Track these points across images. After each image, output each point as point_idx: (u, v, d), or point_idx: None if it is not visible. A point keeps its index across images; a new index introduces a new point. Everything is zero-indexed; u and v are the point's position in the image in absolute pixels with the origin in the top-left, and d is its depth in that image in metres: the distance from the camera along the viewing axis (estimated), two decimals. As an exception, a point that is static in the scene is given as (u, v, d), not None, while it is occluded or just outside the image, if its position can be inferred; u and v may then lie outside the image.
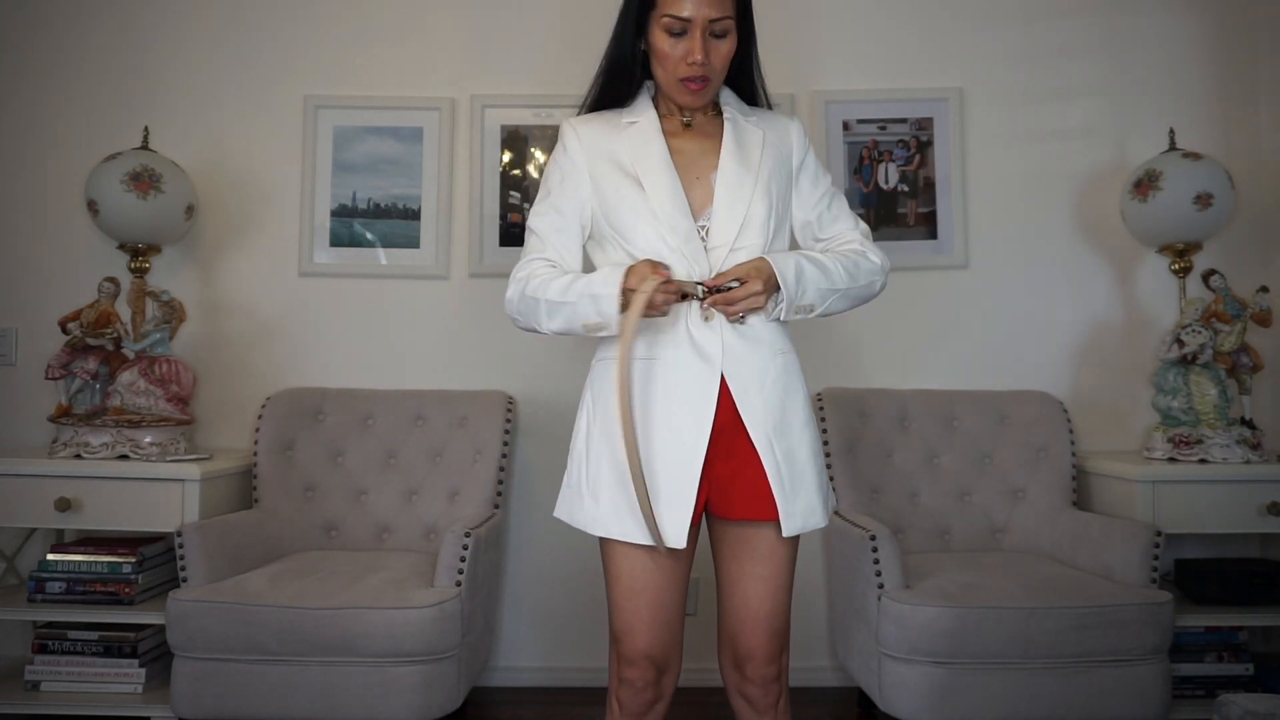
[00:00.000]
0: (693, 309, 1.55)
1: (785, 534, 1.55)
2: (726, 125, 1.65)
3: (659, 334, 1.57)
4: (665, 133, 1.63)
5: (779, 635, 1.60)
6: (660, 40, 1.56)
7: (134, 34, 2.97)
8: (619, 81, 1.66)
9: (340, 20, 2.99)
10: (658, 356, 1.57)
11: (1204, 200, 2.61)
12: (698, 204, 1.60)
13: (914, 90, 2.97)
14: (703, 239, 1.58)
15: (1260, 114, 2.95)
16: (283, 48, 2.98)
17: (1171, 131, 2.80)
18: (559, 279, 1.59)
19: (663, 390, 1.55)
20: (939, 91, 2.96)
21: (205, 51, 2.98)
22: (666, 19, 1.54)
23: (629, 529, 1.53)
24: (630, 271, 1.53)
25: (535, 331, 1.65)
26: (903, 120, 2.97)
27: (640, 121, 1.64)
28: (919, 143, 2.97)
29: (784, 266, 1.55)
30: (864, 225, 1.74)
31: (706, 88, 1.59)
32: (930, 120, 2.97)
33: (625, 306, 1.51)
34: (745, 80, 1.71)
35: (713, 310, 1.55)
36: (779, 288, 1.56)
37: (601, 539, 1.60)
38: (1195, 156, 2.67)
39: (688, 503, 1.52)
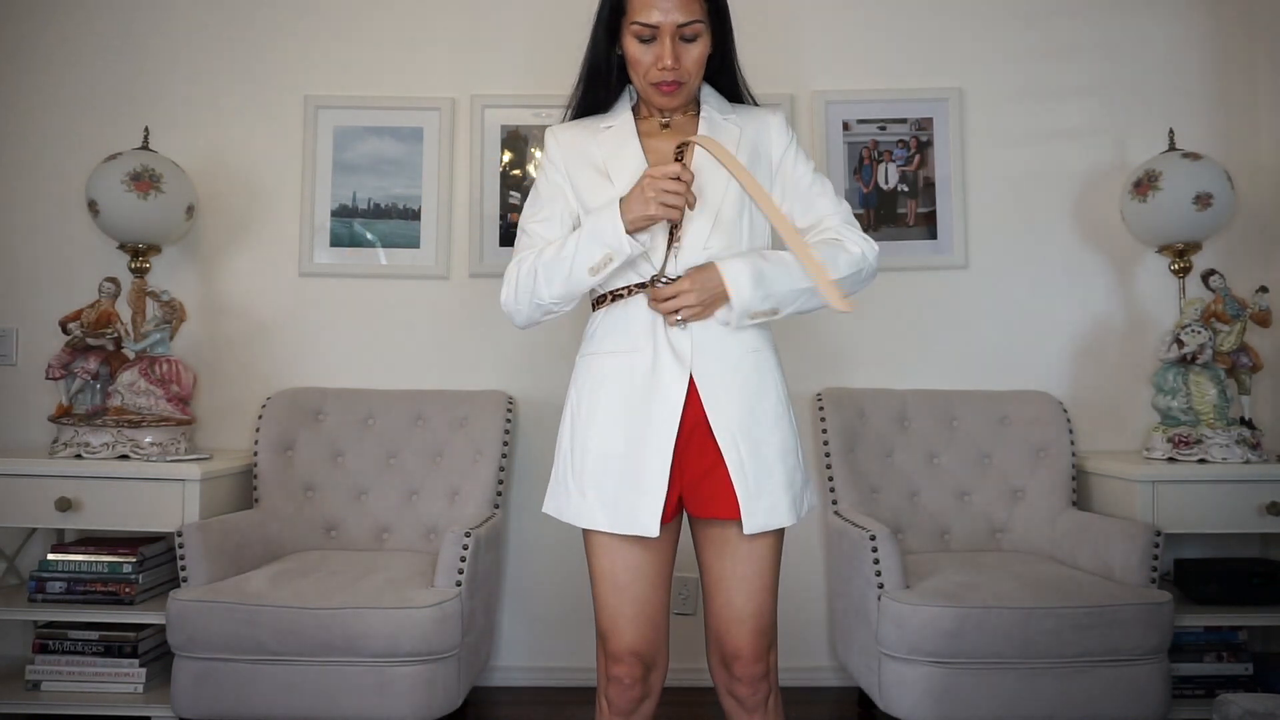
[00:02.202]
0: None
1: (745, 532, 1.56)
2: (701, 125, 1.65)
3: (636, 327, 1.59)
4: (642, 134, 1.66)
5: (764, 634, 1.61)
6: (632, 47, 1.59)
7: (134, 34, 2.97)
8: (597, 88, 1.69)
9: (340, 20, 2.99)
10: (636, 349, 1.59)
11: (1203, 200, 2.61)
12: None
13: (914, 90, 2.97)
14: (676, 239, 1.58)
15: (1260, 114, 2.95)
16: (283, 48, 2.98)
17: (1171, 131, 2.80)
18: (550, 248, 1.61)
19: (641, 386, 1.58)
20: (939, 91, 2.96)
21: (205, 51, 2.98)
22: (635, 26, 1.57)
23: (614, 520, 1.56)
24: (634, 190, 1.53)
25: (538, 310, 1.64)
26: (903, 120, 2.97)
27: (616, 125, 1.67)
28: (919, 143, 2.97)
29: (736, 273, 1.54)
30: (846, 209, 1.68)
31: (679, 90, 1.61)
32: (930, 120, 2.97)
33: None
34: (726, 78, 1.72)
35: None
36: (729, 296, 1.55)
37: (585, 534, 1.62)
38: (1195, 156, 2.67)
39: (659, 493, 1.55)
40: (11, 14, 2.96)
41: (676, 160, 1.54)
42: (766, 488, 1.57)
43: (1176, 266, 2.75)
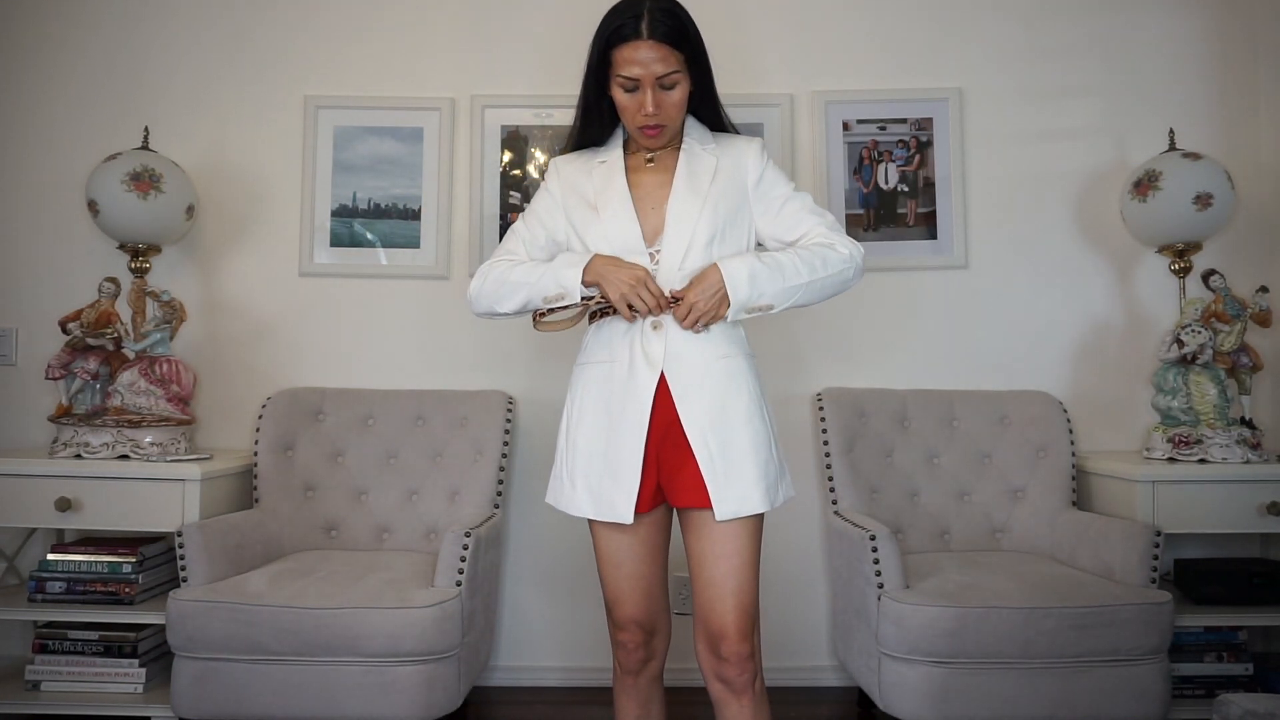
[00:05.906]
0: (645, 321, 1.75)
1: (717, 519, 1.69)
2: (681, 157, 1.82)
3: (617, 339, 1.77)
4: (630, 169, 1.83)
5: (747, 612, 1.70)
6: (618, 95, 1.76)
7: (134, 34, 2.97)
8: (591, 126, 1.87)
9: (340, 20, 2.99)
10: (616, 359, 1.77)
11: (1204, 200, 2.61)
12: (652, 230, 1.78)
13: (914, 90, 2.97)
14: (655, 261, 1.75)
15: (1260, 114, 2.95)
16: (283, 48, 2.98)
17: (1171, 131, 2.80)
18: (525, 264, 1.83)
19: (619, 389, 1.75)
20: (939, 91, 2.96)
21: (205, 51, 2.98)
22: (620, 79, 1.73)
23: (598, 509, 1.74)
24: (615, 266, 1.72)
25: (492, 314, 1.85)
26: (903, 120, 2.97)
27: (608, 161, 1.85)
28: (919, 143, 2.97)
29: (735, 271, 1.71)
30: (829, 217, 1.82)
31: (662, 132, 1.78)
32: (930, 120, 2.97)
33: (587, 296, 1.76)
34: (708, 111, 1.87)
35: (661, 321, 1.73)
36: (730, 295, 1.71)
37: (590, 523, 1.81)
38: (1195, 156, 2.67)
39: (633, 484, 1.72)
40: (12, 14, 2.96)
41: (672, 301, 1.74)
42: (737, 479, 1.70)
43: (1176, 266, 2.75)
